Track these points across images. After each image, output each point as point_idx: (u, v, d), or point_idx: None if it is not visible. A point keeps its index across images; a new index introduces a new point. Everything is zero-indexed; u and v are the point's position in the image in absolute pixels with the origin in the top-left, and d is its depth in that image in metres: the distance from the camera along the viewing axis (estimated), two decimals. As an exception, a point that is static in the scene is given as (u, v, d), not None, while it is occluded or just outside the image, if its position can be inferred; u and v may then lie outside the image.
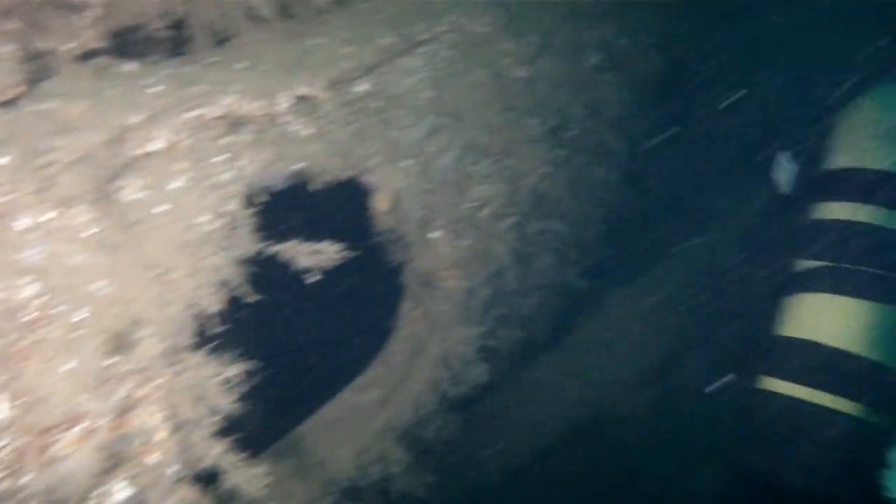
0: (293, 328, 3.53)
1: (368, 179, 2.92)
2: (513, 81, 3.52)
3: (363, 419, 3.52)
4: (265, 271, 2.37)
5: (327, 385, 3.51)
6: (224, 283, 2.28)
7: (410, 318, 3.42)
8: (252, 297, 2.34)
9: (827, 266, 3.15)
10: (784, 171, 3.63)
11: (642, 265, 5.28)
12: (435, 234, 3.18)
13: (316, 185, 2.71)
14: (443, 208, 3.18)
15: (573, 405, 4.78)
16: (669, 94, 4.80)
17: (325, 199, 2.81)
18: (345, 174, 2.80)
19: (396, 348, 3.49)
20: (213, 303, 2.24)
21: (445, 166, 3.15)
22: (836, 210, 3.20)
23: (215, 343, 2.23)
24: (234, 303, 2.30)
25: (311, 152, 2.67)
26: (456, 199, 3.22)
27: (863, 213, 3.11)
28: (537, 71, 3.66)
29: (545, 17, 3.82)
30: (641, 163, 4.72)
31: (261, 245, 2.37)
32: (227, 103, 2.46)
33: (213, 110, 2.42)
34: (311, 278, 2.38)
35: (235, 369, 2.22)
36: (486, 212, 3.36)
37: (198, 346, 2.23)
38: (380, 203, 2.99)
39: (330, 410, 3.56)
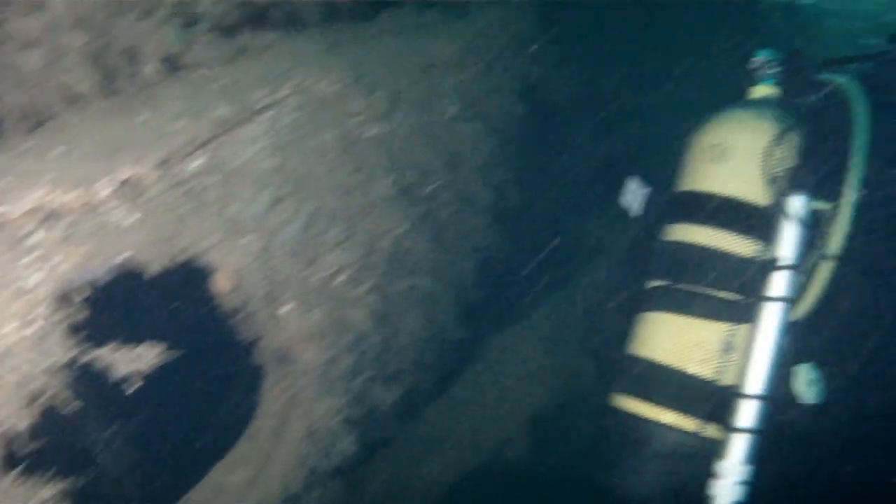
0: (144, 422, 3.34)
1: (205, 261, 2.79)
2: (364, 140, 3.44)
3: (232, 500, 3.36)
4: (84, 376, 2.22)
5: (191, 470, 3.34)
6: (34, 397, 2.12)
7: (271, 395, 3.29)
8: (71, 406, 2.18)
9: (664, 285, 3.28)
10: (633, 196, 3.73)
11: (525, 306, 5.26)
12: (285, 309, 3.06)
13: (146, 275, 2.56)
14: (291, 281, 3.06)
15: (462, 456, 4.70)
16: (534, 136, 4.80)
17: (157, 288, 2.66)
18: (178, 259, 2.66)
19: (261, 426, 3.35)
20: (22, 419, 2.08)
21: (291, 237, 3.03)
22: (676, 231, 3.32)
23: (27, 462, 2.07)
24: (49, 415, 2.14)
25: (138, 240, 2.52)
26: (305, 269, 3.11)
27: (695, 233, 3.22)
28: (390, 127, 3.59)
29: (399, 71, 3.76)
30: (512, 206, 4.69)
31: (76, 351, 2.21)
32: (37, 197, 2.31)
33: (19, 206, 2.27)
34: (131, 386, 2.23)
35: (51, 490, 2.07)
36: (340, 279, 3.25)
37: (8, 467, 2.06)
38: (221, 284, 2.85)
39: (197, 494, 3.39)
